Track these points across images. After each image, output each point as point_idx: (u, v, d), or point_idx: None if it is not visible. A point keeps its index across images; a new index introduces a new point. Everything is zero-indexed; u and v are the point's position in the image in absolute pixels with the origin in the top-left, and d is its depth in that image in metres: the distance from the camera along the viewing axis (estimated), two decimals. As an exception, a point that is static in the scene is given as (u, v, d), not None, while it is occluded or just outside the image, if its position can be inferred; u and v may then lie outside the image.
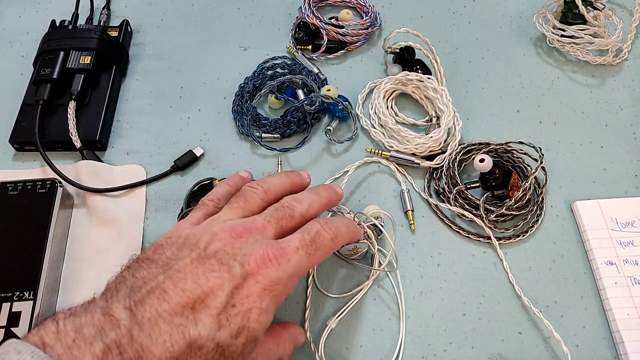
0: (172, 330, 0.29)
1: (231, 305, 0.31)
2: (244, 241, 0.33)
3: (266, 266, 0.32)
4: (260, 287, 0.32)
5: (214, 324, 0.30)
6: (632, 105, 0.61)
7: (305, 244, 0.34)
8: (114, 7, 0.68)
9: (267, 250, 0.33)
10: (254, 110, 0.57)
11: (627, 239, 0.51)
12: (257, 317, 0.31)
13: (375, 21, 0.66)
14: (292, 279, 0.34)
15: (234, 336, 0.30)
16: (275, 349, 0.36)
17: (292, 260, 0.33)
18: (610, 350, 0.47)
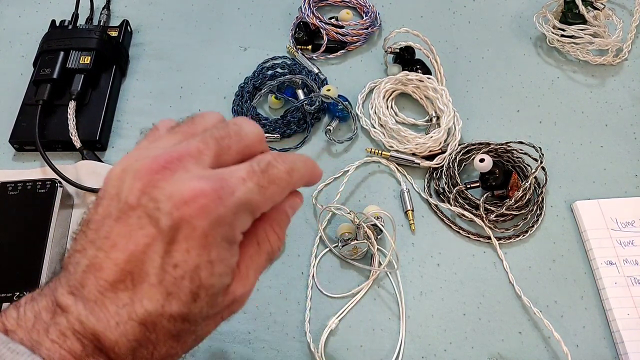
0: (120, 311, 0.25)
1: (172, 266, 0.25)
2: (170, 175, 0.25)
3: (201, 204, 0.24)
4: (199, 234, 0.25)
5: (159, 295, 0.25)
6: (632, 105, 0.61)
7: (255, 173, 0.27)
8: (114, 7, 0.68)
9: (200, 183, 0.25)
10: (254, 110, 0.57)
11: (627, 239, 0.51)
12: (210, 271, 0.25)
13: (375, 21, 0.66)
14: (241, 217, 0.26)
15: (189, 302, 0.25)
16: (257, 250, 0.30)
17: (237, 192, 0.26)
18: (610, 350, 0.47)
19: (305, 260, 0.51)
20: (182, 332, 0.27)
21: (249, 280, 0.29)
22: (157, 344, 0.26)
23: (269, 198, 0.28)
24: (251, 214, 0.27)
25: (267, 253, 0.30)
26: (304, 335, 0.47)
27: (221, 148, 0.27)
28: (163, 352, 0.27)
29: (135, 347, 0.25)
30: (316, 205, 0.54)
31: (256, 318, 0.48)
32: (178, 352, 0.28)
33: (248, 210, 0.27)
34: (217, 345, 0.47)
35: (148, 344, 0.26)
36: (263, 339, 0.47)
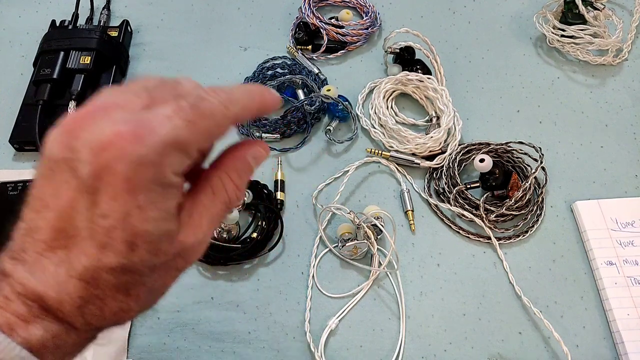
0: (58, 270, 0.24)
1: (101, 217, 0.23)
2: (91, 124, 0.24)
3: (118, 147, 0.23)
4: (121, 179, 0.23)
5: (93, 248, 0.24)
6: (632, 105, 0.61)
7: (182, 109, 0.25)
8: (114, 7, 0.68)
9: (118, 127, 0.23)
10: (254, 110, 0.57)
11: (627, 239, 0.51)
12: (142, 218, 0.24)
13: (375, 21, 0.66)
14: (170, 157, 0.24)
15: (126, 252, 0.24)
16: (211, 199, 0.28)
17: (160, 131, 0.24)
18: (610, 350, 0.47)
19: (305, 260, 0.51)
20: (129, 284, 0.26)
21: (202, 229, 0.28)
22: (105, 299, 0.25)
23: (203, 134, 0.26)
24: (183, 153, 0.25)
25: (223, 202, 0.29)
26: (304, 335, 0.47)
27: (152, 98, 0.26)
28: (115, 308, 0.26)
29: (81, 305, 0.25)
30: (316, 205, 0.54)
31: (256, 318, 0.48)
32: (133, 307, 0.27)
33: (177, 148, 0.25)
34: (217, 345, 0.47)
35: (95, 300, 0.25)
36: (263, 339, 0.47)
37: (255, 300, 0.49)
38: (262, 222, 0.51)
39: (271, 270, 0.50)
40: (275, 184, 0.54)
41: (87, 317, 0.25)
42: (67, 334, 0.25)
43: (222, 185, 0.29)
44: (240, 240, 0.51)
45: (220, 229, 0.50)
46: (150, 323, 0.48)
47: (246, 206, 0.52)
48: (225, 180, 0.29)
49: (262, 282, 0.50)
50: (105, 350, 0.46)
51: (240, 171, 0.30)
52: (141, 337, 0.47)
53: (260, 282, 0.50)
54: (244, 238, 0.51)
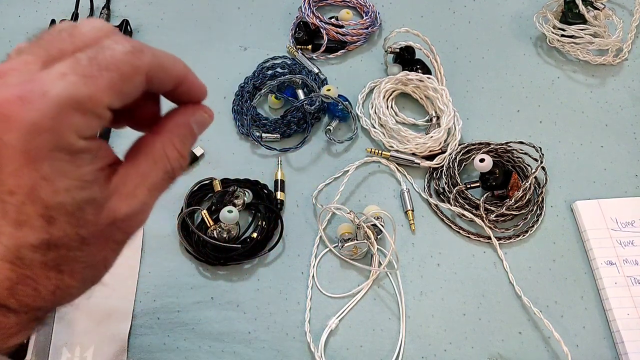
0: None
1: (8, 194, 0.22)
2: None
3: (7, 116, 0.21)
4: (17, 151, 0.21)
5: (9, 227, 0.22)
6: (632, 105, 0.61)
7: (79, 65, 0.22)
8: (114, 6, 0.68)
9: (4, 94, 0.21)
10: (254, 110, 0.57)
11: (627, 239, 0.51)
12: (51, 189, 0.22)
13: (375, 21, 0.66)
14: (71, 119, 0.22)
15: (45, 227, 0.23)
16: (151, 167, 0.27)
17: (51, 90, 0.21)
18: (610, 350, 0.47)
19: (305, 260, 0.51)
20: (59, 260, 0.24)
21: (138, 198, 0.26)
22: (37, 279, 0.24)
23: (107, 89, 0.23)
24: (87, 113, 0.22)
25: (164, 171, 0.27)
26: (304, 335, 0.47)
27: (50, 55, 0.23)
28: (51, 286, 0.25)
29: (11, 286, 0.24)
30: (316, 205, 0.54)
31: (256, 318, 0.48)
32: (72, 284, 0.25)
33: (76, 108, 0.22)
34: (217, 345, 0.47)
35: (25, 280, 0.24)
36: (263, 339, 0.47)
37: (255, 300, 0.49)
38: (262, 222, 0.51)
39: (271, 270, 0.50)
40: (275, 184, 0.54)
41: (20, 298, 0.24)
42: (5, 316, 0.24)
43: (164, 153, 0.27)
44: (240, 240, 0.51)
45: (220, 229, 0.50)
46: (150, 323, 0.48)
47: (246, 206, 0.52)
48: (167, 148, 0.27)
49: (262, 282, 0.50)
50: (105, 350, 0.46)
51: (182, 137, 0.28)
52: (141, 337, 0.47)
53: (260, 282, 0.50)
54: (244, 238, 0.51)
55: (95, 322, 0.47)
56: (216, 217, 0.51)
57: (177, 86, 0.28)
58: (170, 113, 0.28)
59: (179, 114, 0.29)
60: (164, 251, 0.51)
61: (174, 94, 0.28)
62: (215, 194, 0.52)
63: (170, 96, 0.28)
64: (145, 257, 0.51)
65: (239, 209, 0.51)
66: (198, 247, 0.50)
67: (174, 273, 0.50)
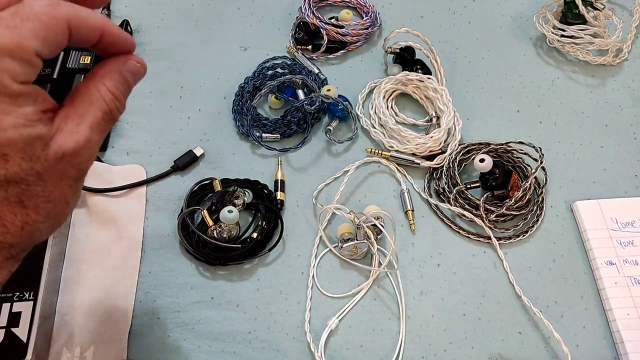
0: None
1: None
2: None
3: None
4: None
5: None
6: (632, 105, 0.61)
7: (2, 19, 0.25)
8: (114, 7, 0.68)
9: None
10: (254, 110, 0.57)
11: (627, 239, 0.51)
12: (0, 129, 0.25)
13: (375, 21, 0.66)
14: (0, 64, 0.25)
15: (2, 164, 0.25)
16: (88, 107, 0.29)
17: None
18: (610, 350, 0.47)
19: (305, 260, 0.51)
20: (21, 195, 0.27)
21: (80, 134, 0.28)
22: (2, 215, 0.26)
23: (32, 36, 0.25)
24: (17, 58, 0.25)
25: (103, 111, 0.29)
26: (304, 335, 0.47)
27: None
28: (17, 222, 0.27)
29: None
30: (316, 205, 0.54)
31: (256, 318, 0.48)
32: (38, 219, 0.28)
33: (6, 54, 0.24)
34: (217, 345, 0.47)
35: None
36: (263, 339, 0.47)
37: (255, 300, 0.49)
38: (262, 222, 0.51)
39: (271, 270, 0.51)
40: (275, 184, 0.54)
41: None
42: None
43: (99, 95, 0.29)
44: (240, 240, 0.51)
45: (220, 229, 0.50)
46: (151, 323, 0.48)
47: (246, 206, 0.52)
48: (101, 90, 0.29)
49: (262, 282, 0.50)
50: (105, 350, 0.46)
51: (116, 82, 0.30)
52: (141, 337, 0.47)
53: (260, 282, 0.50)
54: (244, 238, 0.51)
55: (95, 322, 0.47)
56: (216, 217, 0.51)
57: (101, 38, 0.29)
58: (101, 62, 0.30)
59: (110, 62, 0.30)
60: (164, 251, 0.51)
61: (100, 47, 0.30)
62: (215, 194, 0.52)
63: (99, 49, 0.30)
64: (145, 257, 0.51)
65: (239, 209, 0.51)
66: (198, 247, 0.50)
67: (174, 273, 0.50)
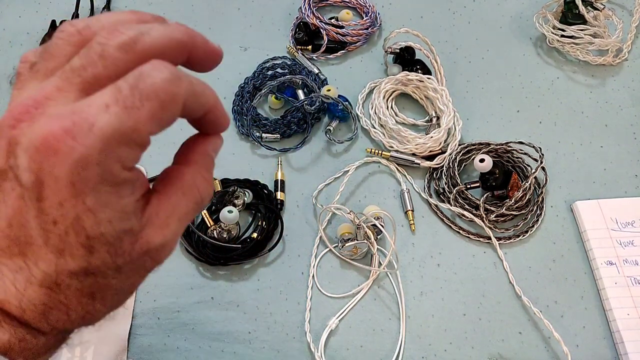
0: (17, 277, 0.24)
1: (51, 224, 0.22)
2: (28, 126, 0.22)
3: (56, 150, 0.21)
4: (64, 184, 0.22)
5: (50, 254, 0.23)
6: (632, 105, 0.61)
7: (121, 95, 0.22)
8: (114, 7, 0.68)
9: (49, 126, 0.21)
10: (254, 110, 0.57)
11: (627, 239, 0.51)
12: (94, 220, 0.23)
13: (375, 21, 0.66)
14: (117, 152, 0.22)
15: (86, 255, 0.23)
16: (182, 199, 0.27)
17: (97, 123, 0.21)
18: (610, 350, 0.47)
19: (306, 260, 0.51)
20: (94, 287, 0.25)
21: (170, 228, 0.26)
22: (69, 304, 0.25)
23: (149, 119, 0.23)
24: (131, 144, 0.23)
25: (194, 202, 0.27)
26: (304, 335, 0.47)
27: (85, 81, 0.23)
28: (81, 312, 0.25)
29: (45, 311, 0.24)
30: (316, 205, 0.54)
31: (256, 318, 0.48)
32: (100, 309, 0.26)
33: (122, 142, 0.22)
34: (217, 345, 0.47)
35: (59, 306, 0.24)
36: (263, 339, 0.47)
37: (255, 300, 0.49)
38: (262, 222, 0.51)
39: (271, 270, 0.51)
40: (275, 184, 0.54)
41: (52, 323, 0.25)
42: (35, 337, 0.25)
43: (194, 184, 0.27)
44: (240, 240, 0.51)
45: (220, 229, 0.50)
46: (151, 323, 0.48)
47: (246, 206, 0.52)
48: (197, 179, 0.28)
49: (262, 282, 0.50)
50: (105, 350, 0.46)
51: (208, 167, 0.28)
52: (141, 337, 0.47)
53: (260, 282, 0.50)
54: (244, 238, 0.51)
55: (96, 322, 0.47)
56: (216, 217, 0.51)
57: (206, 115, 0.28)
58: (192, 143, 0.29)
59: (202, 143, 0.29)
60: (164, 251, 0.51)
61: (199, 122, 0.28)
62: (216, 194, 0.52)
63: (196, 123, 0.28)
64: (145, 257, 0.51)
65: (239, 209, 0.51)
66: (198, 247, 0.50)
67: (174, 273, 0.50)
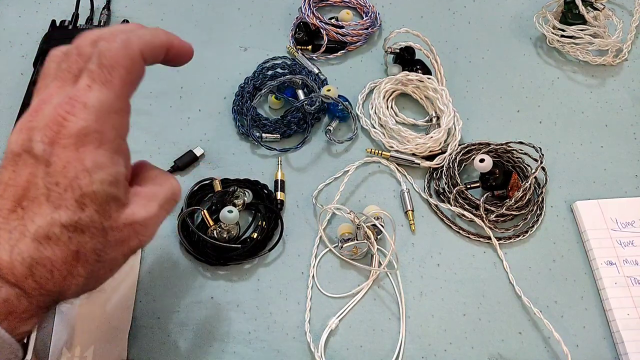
0: (12, 235, 0.27)
1: (54, 184, 0.27)
2: (39, 114, 0.28)
3: (62, 125, 0.27)
4: (70, 150, 0.27)
5: (47, 209, 0.27)
6: (632, 105, 0.61)
7: (94, 74, 0.28)
8: (114, 7, 0.68)
9: (55, 110, 0.28)
10: (254, 110, 0.57)
11: (627, 239, 0.51)
12: (90, 179, 0.28)
13: (375, 21, 0.66)
14: (105, 120, 0.28)
15: (77, 210, 0.27)
16: (159, 189, 0.33)
17: (88, 101, 0.28)
18: (610, 350, 0.47)
19: (305, 260, 0.51)
20: (80, 246, 0.28)
21: (151, 208, 0.31)
22: (55, 261, 0.28)
23: (123, 84, 0.29)
24: (118, 110, 0.29)
25: (171, 191, 0.33)
26: (304, 335, 0.47)
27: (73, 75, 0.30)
28: (64, 271, 0.28)
29: (32, 265, 0.27)
30: (316, 205, 0.54)
31: (256, 318, 0.48)
32: (81, 273, 0.29)
33: (111, 110, 0.29)
34: (217, 345, 0.47)
35: (45, 262, 0.27)
36: (263, 339, 0.47)
37: (255, 300, 0.49)
38: (262, 222, 0.51)
39: (271, 270, 0.51)
40: (275, 184, 0.54)
41: (36, 279, 0.27)
42: (18, 299, 0.27)
43: (167, 178, 0.34)
44: (240, 240, 0.51)
45: (220, 229, 0.50)
46: (151, 323, 0.48)
47: (246, 206, 0.52)
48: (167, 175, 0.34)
49: (262, 282, 0.50)
50: (105, 350, 0.46)
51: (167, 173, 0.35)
52: (141, 337, 0.47)
53: (260, 282, 0.50)
54: (244, 238, 0.51)
55: (95, 322, 0.47)
56: (216, 217, 0.51)
57: (166, 53, 0.32)
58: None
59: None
60: (164, 251, 0.51)
61: (167, 61, 0.33)
62: (215, 194, 0.52)
63: (165, 63, 0.33)
64: (145, 257, 0.51)
65: (239, 209, 0.51)
66: (198, 247, 0.50)
67: (174, 273, 0.50)
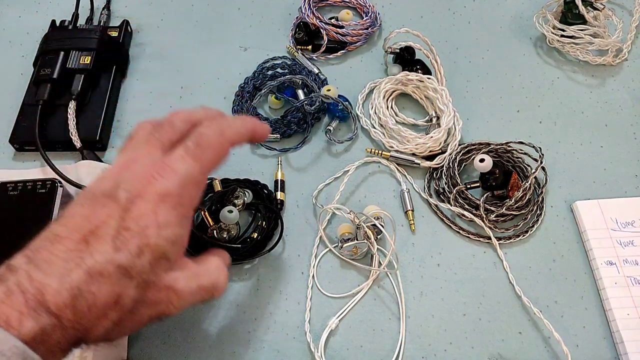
0: (68, 264, 0.29)
1: (124, 228, 0.30)
2: (129, 169, 0.33)
3: (151, 183, 0.31)
4: (149, 204, 0.31)
5: (109, 249, 0.30)
6: (632, 105, 0.61)
7: (189, 149, 0.33)
8: (114, 7, 0.68)
9: (148, 169, 0.32)
10: (254, 110, 0.57)
11: (627, 239, 0.51)
12: (157, 232, 0.31)
13: (375, 21, 0.66)
14: (186, 188, 0.33)
15: (135, 256, 0.30)
16: (206, 273, 0.36)
17: (178, 169, 0.32)
18: (610, 350, 0.47)
19: (305, 260, 0.51)
20: (123, 292, 0.30)
21: (192, 284, 0.34)
22: (98, 297, 0.29)
23: (208, 163, 0.34)
24: (196, 183, 0.34)
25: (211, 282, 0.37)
26: (304, 335, 0.47)
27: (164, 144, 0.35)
28: (100, 311, 0.29)
29: (76, 295, 0.28)
30: (316, 205, 0.54)
31: (256, 318, 0.48)
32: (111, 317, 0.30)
33: (192, 181, 0.33)
34: (217, 345, 0.47)
35: (88, 296, 0.29)
36: (263, 339, 0.47)
37: (255, 300, 0.49)
38: (262, 222, 0.51)
39: (271, 270, 0.51)
40: (275, 184, 0.54)
41: (75, 310, 0.28)
42: (53, 329, 0.28)
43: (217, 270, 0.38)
44: (240, 240, 0.51)
45: (220, 229, 0.50)
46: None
47: (246, 206, 0.52)
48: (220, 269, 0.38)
49: (262, 282, 0.50)
50: (105, 350, 0.46)
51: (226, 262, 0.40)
52: (141, 337, 0.47)
53: (260, 282, 0.50)
54: (244, 238, 0.51)
55: (96, 322, 0.47)
56: (216, 217, 0.51)
57: (249, 139, 0.38)
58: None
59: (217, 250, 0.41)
60: (164, 251, 0.51)
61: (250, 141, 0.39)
62: (215, 194, 0.52)
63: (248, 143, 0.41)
64: (145, 257, 0.51)
65: (239, 209, 0.51)
66: (198, 247, 0.50)
67: (174, 273, 0.50)
